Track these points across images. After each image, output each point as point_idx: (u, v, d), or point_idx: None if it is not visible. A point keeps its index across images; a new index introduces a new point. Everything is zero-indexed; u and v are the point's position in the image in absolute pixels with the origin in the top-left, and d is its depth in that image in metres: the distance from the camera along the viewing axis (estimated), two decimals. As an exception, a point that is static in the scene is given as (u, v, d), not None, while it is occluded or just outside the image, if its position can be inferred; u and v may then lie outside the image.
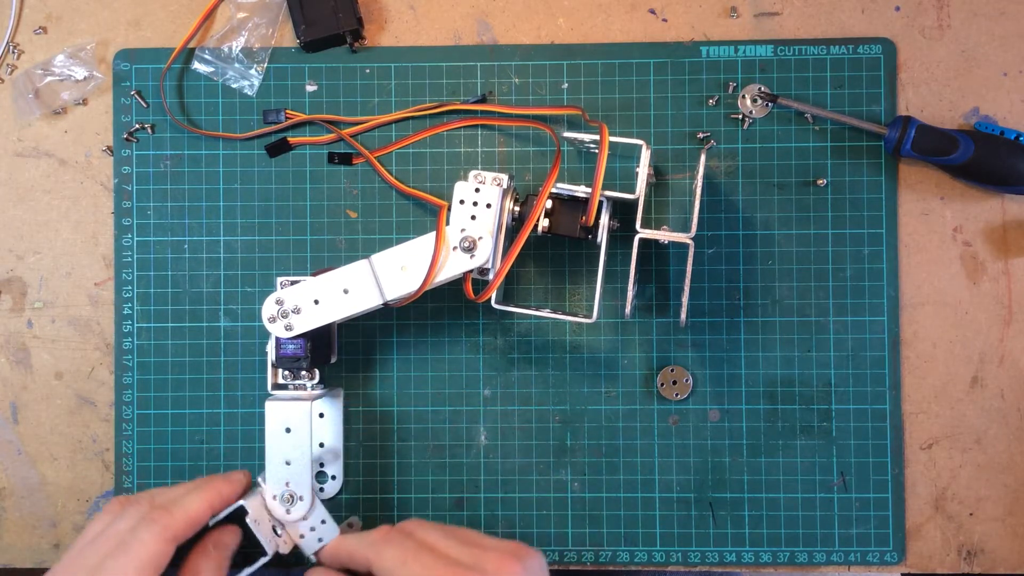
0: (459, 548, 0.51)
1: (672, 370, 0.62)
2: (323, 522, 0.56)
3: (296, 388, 0.58)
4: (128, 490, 0.62)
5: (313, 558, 0.56)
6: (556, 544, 0.62)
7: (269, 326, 0.55)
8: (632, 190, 0.56)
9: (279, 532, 0.56)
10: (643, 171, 0.56)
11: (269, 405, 0.56)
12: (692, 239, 0.55)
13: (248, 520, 0.54)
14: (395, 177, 0.62)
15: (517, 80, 0.62)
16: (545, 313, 0.58)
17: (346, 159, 0.62)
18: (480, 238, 0.55)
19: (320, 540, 0.56)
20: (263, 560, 0.55)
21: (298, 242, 0.62)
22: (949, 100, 0.62)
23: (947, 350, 0.62)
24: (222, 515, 0.54)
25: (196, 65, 0.63)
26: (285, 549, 0.56)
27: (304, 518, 0.56)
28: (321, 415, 0.61)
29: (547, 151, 0.62)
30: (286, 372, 0.57)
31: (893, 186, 0.62)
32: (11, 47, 0.63)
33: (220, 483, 0.54)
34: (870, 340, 0.61)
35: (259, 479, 0.57)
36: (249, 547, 0.55)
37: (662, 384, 0.62)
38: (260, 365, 0.62)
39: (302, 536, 0.56)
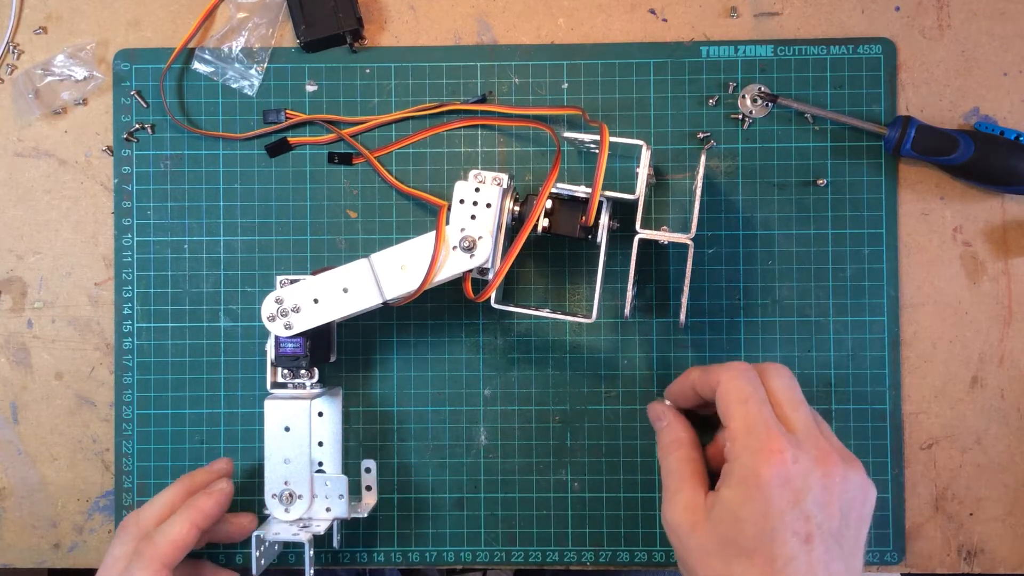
0: (803, 420, 0.50)
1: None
2: (340, 497, 0.56)
3: (295, 387, 0.58)
4: (128, 491, 0.62)
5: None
6: (556, 544, 0.62)
7: (268, 325, 0.56)
8: (632, 190, 0.56)
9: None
10: (643, 171, 0.56)
11: (268, 404, 0.56)
12: (692, 239, 0.55)
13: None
14: (395, 177, 0.62)
15: (517, 80, 0.62)
16: (545, 313, 0.58)
17: (346, 159, 0.62)
18: (480, 238, 0.55)
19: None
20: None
21: (298, 242, 0.62)
22: (949, 100, 0.62)
23: (947, 350, 0.62)
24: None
25: (196, 65, 0.63)
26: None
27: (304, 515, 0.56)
28: (320, 414, 0.61)
29: (547, 151, 0.62)
30: (285, 371, 0.57)
31: (893, 186, 0.62)
32: (11, 47, 0.63)
33: (203, 501, 0.55)
34: (870, 340, 0.61)
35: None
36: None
37: (662, 384, 0.62)
38: (260, 365, 0.62)
39: (328, 509, 0.57)
